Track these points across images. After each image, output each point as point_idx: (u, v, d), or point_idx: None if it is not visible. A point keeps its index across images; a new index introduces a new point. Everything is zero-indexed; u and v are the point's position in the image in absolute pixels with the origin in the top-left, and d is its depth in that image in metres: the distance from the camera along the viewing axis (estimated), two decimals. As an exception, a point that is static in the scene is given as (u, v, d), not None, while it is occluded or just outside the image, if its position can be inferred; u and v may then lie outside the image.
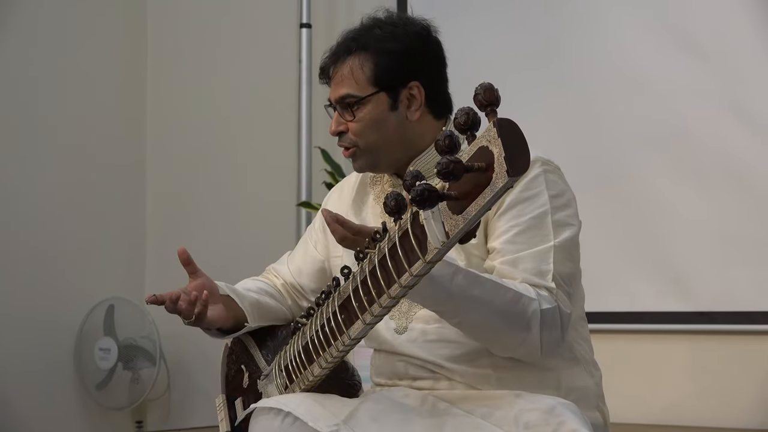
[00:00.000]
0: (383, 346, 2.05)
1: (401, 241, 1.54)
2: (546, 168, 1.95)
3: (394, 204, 1.47)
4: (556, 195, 1.94)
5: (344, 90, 1.99)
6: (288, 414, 1.82)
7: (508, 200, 1.90)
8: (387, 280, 1.59)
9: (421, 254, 1.50)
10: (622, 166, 3.54)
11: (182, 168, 4.58)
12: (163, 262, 4.56)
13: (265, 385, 2.11)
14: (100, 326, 4.22)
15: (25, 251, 4.07)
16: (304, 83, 4.11)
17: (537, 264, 1.87)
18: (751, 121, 3.34)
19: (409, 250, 1.52)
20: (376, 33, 2.01)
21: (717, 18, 3.42)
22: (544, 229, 1.90)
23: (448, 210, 1.41)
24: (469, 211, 1.36)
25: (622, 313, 3.47)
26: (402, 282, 1.56)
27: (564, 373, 1.97)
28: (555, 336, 1.85)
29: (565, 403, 1.81)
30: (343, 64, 2.00)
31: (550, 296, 1.85)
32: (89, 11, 4.41)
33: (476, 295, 1.77)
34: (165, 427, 4.42)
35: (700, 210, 3.41)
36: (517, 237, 1.89)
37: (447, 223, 1.42)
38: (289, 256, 2.31)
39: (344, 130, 2.00)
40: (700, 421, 3.34)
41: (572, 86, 3.64)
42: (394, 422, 1.83)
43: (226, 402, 2.21)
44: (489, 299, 1.78)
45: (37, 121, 4.16)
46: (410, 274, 1.54)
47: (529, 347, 1.83)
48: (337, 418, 1.81)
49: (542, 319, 1.81)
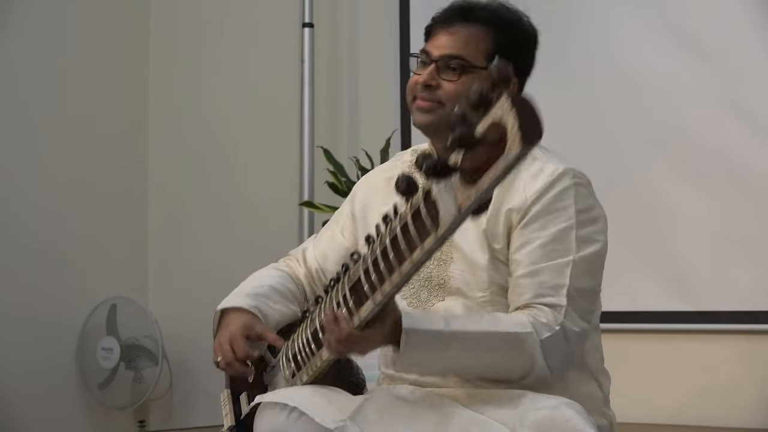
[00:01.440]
0: None
1: (413, 218, 1.55)
2: (577, 181, 1.95)
3: (405, 185, 1.50)
4: (583, 210, 1.94)
5: (459, 51, 1.99)
6: (294, 409, 1.82)
7: (534, 210, 1.91)
8: (399, 258, 1.60)
9: (434, 229, 1.50)
10: (624, 165, 3.54)
11: (184, 167, 4.58)
12: (165, 261, 4.56)
13: (272, 377, 2.11)
14: (102, 326, 4.22)
15: (27, 251, 4.07)
16: (306, 83, 4.11)
17: (554, 277, 1.88)
18: (753, 121, 3.34)
19: (421, 227, 1.53)
20: (506, 15, 2.04)
21: (718, 18, 3.41)
22: (566, 243, 1.90)
23: (461, 183, 1.42)
24: (482, 183, 1.37)
25: (624, 313, 3.47)
26: (414, 258, 1.57)
27: (572, 381, 1.97)
28: (563, 358, 1.88)
29: (570, 402, 1.81)
30: (466, 26, 2.00)
31: (553, 319, 1.86)
32: (90, 11, 4.41)
33: (471, 349, 1.82)
34: (167, 426, 4.42)
35: (703, 209, 3.40)
36: (538, 249, 1.89)
37: (459, 196, 1.42)
38: (315, 240, 2.31)
39: (435, 85, 1.99)
40: (702, 420, 3.34)
41: (574, 86, 3.64)
42: (400, 419, 1.83)
43: (230, 397, 2.21)
44: (485, 349, 1.83)
45: (38, 121, 4.16)
46: (422, 250, 1.55)
47: (538, 375, 1.85)
48: (343, 414, 1.81)
49: (543, 348, 1.83)
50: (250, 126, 4.45)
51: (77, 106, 4.32)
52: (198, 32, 4.61)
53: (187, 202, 4.56)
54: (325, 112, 4.24)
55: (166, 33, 4.65)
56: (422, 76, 1.99)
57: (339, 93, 4.28)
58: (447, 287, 1.98)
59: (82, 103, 4.35)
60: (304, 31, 4.13)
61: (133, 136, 4.60)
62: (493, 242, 1.94)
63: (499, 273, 1.95)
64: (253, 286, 2.21)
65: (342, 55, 4.29)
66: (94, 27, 4.43)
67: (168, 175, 4.61)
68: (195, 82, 4.59)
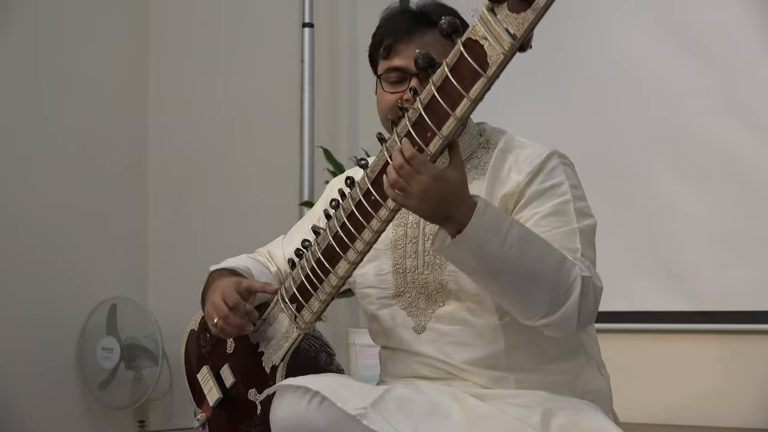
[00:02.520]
0: (401, 346, 2.05)
1: (453, 72, 1.60)
2: (563, 161, 1.98)
3: (422, 60, 1.61)
4: (575, 186, 1.96)
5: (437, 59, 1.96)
6: (316, 394, 1.79)
7: (530, 191, 1.92)
8: (438, 119, 1.65)
9: (482, 70, 1.54)
10: (623, 165, 3.55)
11: (184, 167, 4.58)
12: (165, 261, 4.57)
13: (262, 332, 2.08)
14: (102, 326, 4.22)
15: (27, 251, 4.07)
16: (306, 83, 4.11)
17: (565, 242, 1.87)
18: (752, 120, 3.34)
19: (463, 77, 1.58)
20: (438, 8, 2.00)
21: (718, 18, 3.42)
22: (567, 215, 1.91)
23: (510, 12, 1.48)
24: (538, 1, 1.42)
25: (623, 313, 3.48)
26: (457, 114, 1.62)
27: (580, 375, 1.99)
28: (591, 306, 1.83)
29: (591, 405, 1.83)
30: (427, 32, 1.96)
31: (585, 267, 1.84)
32: (91, 11, 4.41)
33: (529, 248, 1.76)
34: (167, 426, 4.43)
35: (702, 209, 3.41)
36: (541, 220, 1.89)
37: (510, 26, 1.48)
38: (285, 241, 2.31)
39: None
40: (701, 420, 3.34)
41: (574, 85, 3.64)
42: (422, 413, 1.81)
43: (211, 372, 2.19)
44: (540, 255, 1.77)
45: (38, 121, 4.16)
46: (468, 99, 1.59)
47: (567, 313, 1.80)
48: (365, 401, 1.78)
49: (582, 285, 1.79)
50: (250, 126, 4.45)
51: (78, 107, 4.32)
52: (198, 32, 4.61)
53: (187, 202, 4.57)
54: (325, 112, 4.24)
55: (167, 33, 4.65)
56: (405, 92, 1.94)
57: (339, 93, 4.28)
58: (446, 290, 1.98)
59: (83, 103, 4.35)
60: (304, 31, 4.13)
61: (134, 135, 4.60)
62: None
63: None
64: (236, 260, 2.24)
65: (342, 55, 4.29)
66: (95, 28, 4.43)
67: (168, 175, 4.61)
68: (195, 83, 4.59)
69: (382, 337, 2.10)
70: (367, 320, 2.15)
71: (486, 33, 1.58)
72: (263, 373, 2.06)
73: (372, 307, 2.08)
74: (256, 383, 2.07)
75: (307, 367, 2.04)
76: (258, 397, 2.00)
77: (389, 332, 2.06)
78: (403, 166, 1.69)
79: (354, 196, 1.84)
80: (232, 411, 2.12)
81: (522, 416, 1.79)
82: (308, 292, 1.97)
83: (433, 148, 1.68)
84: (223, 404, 2.14)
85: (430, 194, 1.69)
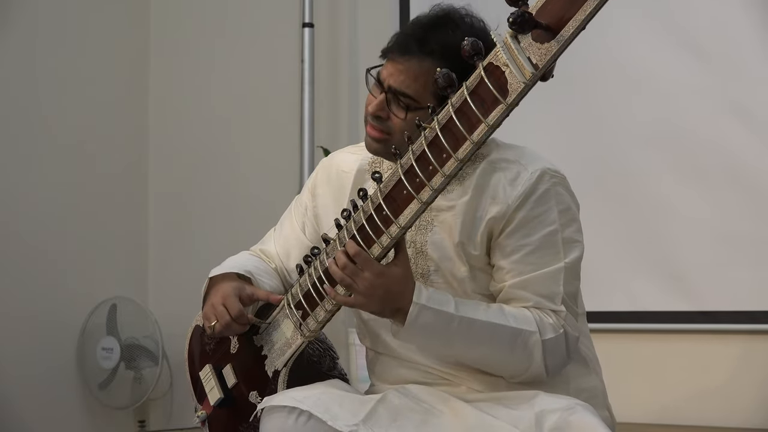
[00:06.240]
0: (386, 351, 2.05)
1: (472, 95, 1.60)
2: (554, 181, 1.94)
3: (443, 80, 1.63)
4: (564, 210, 1.93)
5: (408, 88, 1.91)
6: (302, 412, 1.80)
7: (518, 217, 1.90)
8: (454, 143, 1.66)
9: (502, 98, 1.55)
10: (623, 165, 3.54)
11: (184, 167, 4.58)
12: (165, 261, 4.56)
13: (267, 336, 2.08)
14: (102, 326, 4.22)
15: (27, 251, 4.07)
16: (306, 83, 4.11)
17: (547, 286, 1.89)
18: (752, 120, 3.34)
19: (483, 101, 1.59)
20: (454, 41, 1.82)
21: (718, 18, 3.42)
22: (554, 248, 1.91)
23: (534, 42, 1.50)
24: (564, 32, 1.42)
25: (623, 313, 3.47)
26: (474, 138, 1.63)
27: (573, 374, 1.99)
28: (559, 360, 1.90)
29: (584, 404, 1.83)
30: (419, 59, 1.91)
31: (557, 322, 1.88)
32: (90, 11, 4.41)
33: (475, 337, 1.84)
34: (167, 426, 4.42)
35: (702, 209, 3.41)
36: (527, 257, 1.90)
37: (533, 56, 1.50)
38: (275, 236, 2.29)
39: (384, 117, 1.94)
40: (701, 420, 3.34)
41: (573, 85, 3.64)
42: (414, 423, 1.82)
43: (213, 371, 2.19)
44: (491, 336, 1.84)
45: (38, 122, 4.16)
46: (486, 125, 1.60)
47: (533, 373, 1.88)
48: (356, 417, 1.79)
49: (544, 348, 1.86)
50: (250, 126, 4.45)
51: (78, 107, 4.32)
52: (198, 32, 4.61)
53: (187, 203, 4.56)
54: (325, 112, 4.24)
55: (167, 33, 4.65)
56: (373, 104, 1.95)
57: (339, 93, 4.28)
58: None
59: (83, 103, 4.35)
60: (304, 31, 4.13)
61: (134, 136, 4.60)
62: (471, 249, 1.93)
63: (478, 284, 1.95)
64: (237, 261, 2.22)
65: (342, 55, 4.29)
66: (95, 28, 4.43)
67: (168, 175, 4.61)
68: (195, 83, 4.59)
69: (368, 339, 2.11)
70: (356, 321, 2.15)
71: (508, 60, 1.58)
72: (265, 376, 2.06)
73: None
74: (257, 386, 2.07)
75: (310, 372, 2.03)
76: (259, 404, 2.01)
77: (376, 336, 2.06)
78: (347, 264, 1.78)
79: (366, 210, 1.83)
80: (233, 411, 2.12)
81: (515, 421, 1.80)
82: (314, 301, 1.96)
83: (384, 242, 1.77)
84: (224, 404, 2.14)
85: (375, 292, 1.79)
